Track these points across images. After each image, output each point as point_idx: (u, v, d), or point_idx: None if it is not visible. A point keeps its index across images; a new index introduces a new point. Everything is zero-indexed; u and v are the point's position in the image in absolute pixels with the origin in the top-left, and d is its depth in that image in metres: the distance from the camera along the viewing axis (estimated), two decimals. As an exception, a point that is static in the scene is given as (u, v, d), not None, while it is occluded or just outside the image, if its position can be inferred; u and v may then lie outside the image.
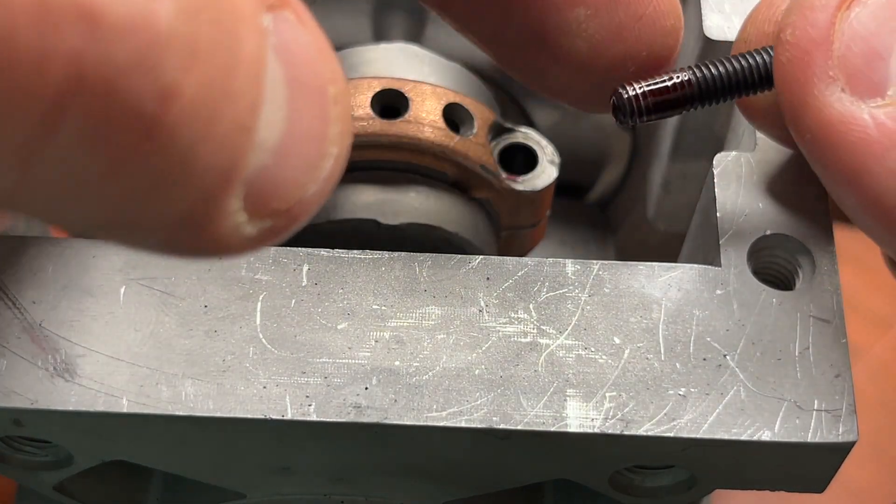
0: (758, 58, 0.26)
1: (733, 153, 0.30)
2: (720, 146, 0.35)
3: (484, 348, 0.27)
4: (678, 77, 0.26)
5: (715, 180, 0.29)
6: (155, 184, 0.16)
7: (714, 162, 0.30)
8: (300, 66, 0.17)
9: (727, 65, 0.26)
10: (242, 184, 0.17)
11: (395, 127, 0.33)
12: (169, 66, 0.15)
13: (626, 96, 0.26)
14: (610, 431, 0.26)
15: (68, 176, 0.16)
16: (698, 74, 0.26)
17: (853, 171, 0.23)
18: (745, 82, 0.26)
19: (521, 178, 0.35)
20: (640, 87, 0.26)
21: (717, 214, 0.29)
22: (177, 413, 0.26)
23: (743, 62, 0.26)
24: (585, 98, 0.27)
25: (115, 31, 0.14)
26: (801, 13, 0.24)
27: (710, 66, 0.26)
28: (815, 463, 0.27)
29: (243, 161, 0.17)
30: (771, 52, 0.26)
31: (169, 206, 0.16)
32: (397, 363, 0.27)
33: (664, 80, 0.26)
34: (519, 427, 0.26)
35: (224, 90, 0.16)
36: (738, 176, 0.29)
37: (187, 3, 0.15)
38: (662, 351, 0.27)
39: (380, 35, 0.39)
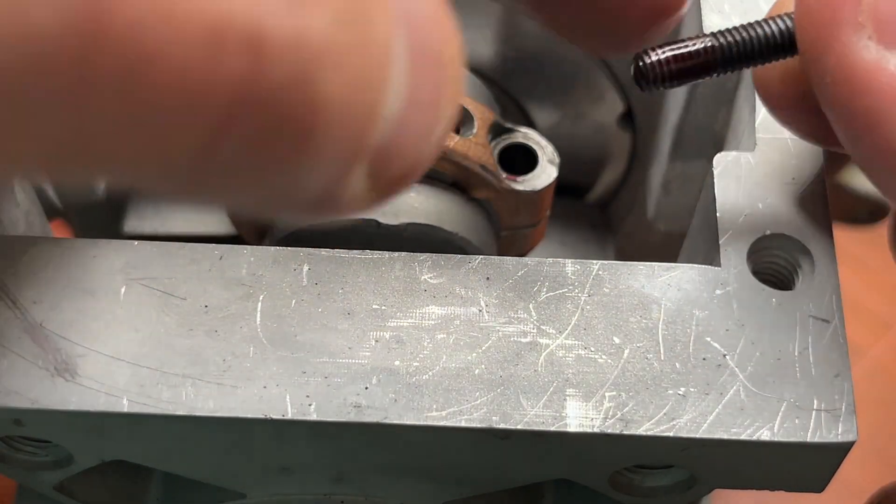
0: (780, 23, 0.26)
1: (733, 153, 0.30)
2: (720, 146, 0.35)
3: (484, 348, 0.27)
4: (701, 43, 0.25)
5: (715, 180, 0.29)
6: (301, 173, 0.17)
7: (714, 162, 0.30)
8: (420, 31, 0.17)
9: (750, 31, 0.26)
10: (368, 156, 0.17)
11: (395, 127, 0.33)
12: (321, 77, 0.16)
13: (648, 62, 0.25)
14: (610, 431, 0.26)
15: (231, 175, 0.17)
16: (721, 40, 0.26)
17: (873, 119, 0.23)
18: (768, 48, 0.26)
19: (521, 178, 0.35)
20: (662, 53, 0.25)
21: (717, 214, 0.29)
22: (177, 413, 0.26)
23: (766, 28, 0.26)
24: (608, 42, 0.27)
25: (276, 53, 0.15)
26: None
27: (733, 32, 0.26)
28: (815, 463, 0.27)
29: (371, 136, 0.17)
30: (792, 18, 0.25)
31: (307, 188, 0.17)
32: (397, 363, 0.27)
33: (687, 46, 0.25)
34: (519, 427, 0.26)
35: (363, 82, 0.16)
36: (738, 176, 0.29)
37: (339, 14, 0.16)
38: (662, 351, 0.27)
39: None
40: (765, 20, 0.26)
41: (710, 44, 0.26)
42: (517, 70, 0.40)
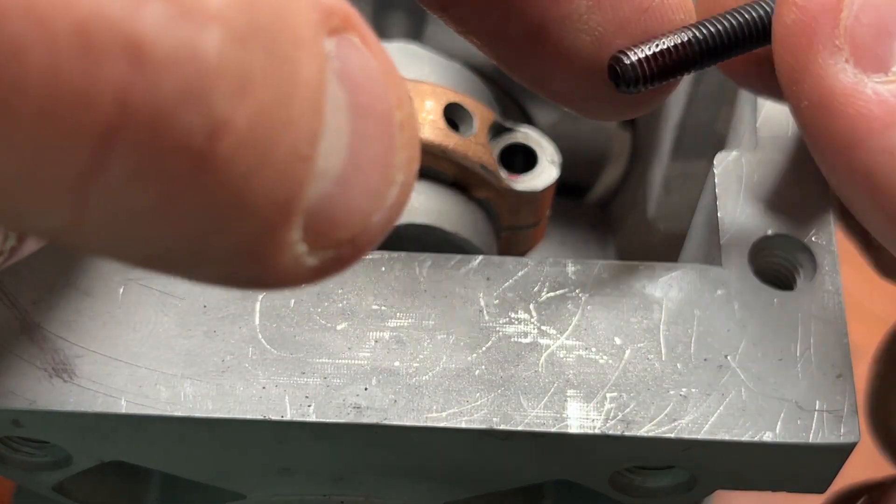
0: (758, 10, 0.25)
1: (734, 153, 0.30)
2: (721, 146, 0.35)
3: (484, 348, 0.27)
4: (679, 38, 0.25)
5: (716, 180, 0.29)
6: (211, 218, 0.16)
7: (715, 162, 0.30)
8: (364, 92, 0.17)
9: (727, 21, 0.25)
10: (302, 214, 0.16)
11: (395, 126, 0.33)
12: (218, 97, 0.15)
13: (627, 62, 0.25)
14: (611, 432, 0.26)
15: (122, 211, 0.15)
16: (699, 33, 0.25)
17: (849, 144, 0.23)
18: (748, 37, 0.25)
19: (521, 178, 0.35)
20: (641, 52, 0.25)
21: (718, 214, 0.29)
22: (176, 414, 0.26)
23: (743, 16, 0.25)
24: (590, 101, 0.27)
25: (160, 64, 0.14)
26: None
27: (710, 24, 0.25)
28: (817, 464, 0.27)
29: (303, 191, 0.16)
30: (771, 6, 0.25)
31: (227, 241, 0.16)
32: (397, 363, 0.27)
33: (665, 43, 0.25)
34: (519, 428, 0.26)
35: (280, 121, 0.15)
36: (739, 176, 0.29)
37: (237, 32, 0.15)
38: (663, 351, 0.27)
39: (380, 34, 0.39)
40: (741, 8, 0.25)
41: (689, 37, 0.25)
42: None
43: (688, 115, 0.36)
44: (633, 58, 0.25)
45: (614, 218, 0.45)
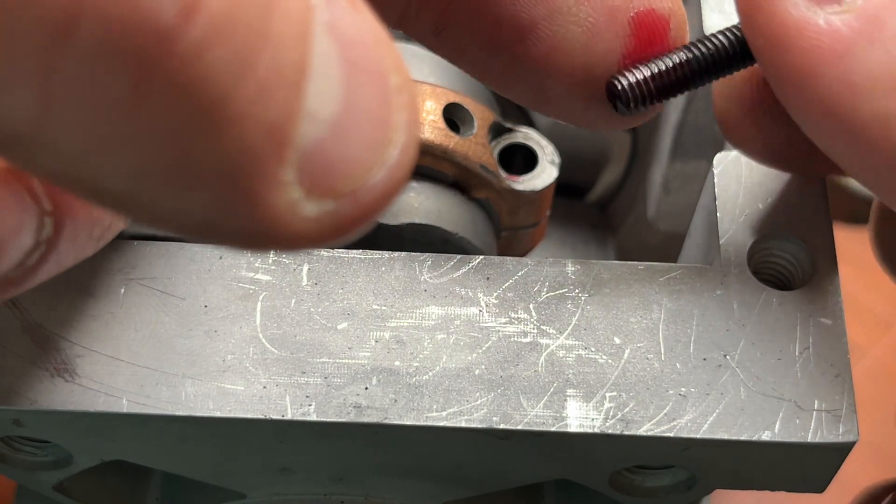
0: None
1: (733, 153, 0.30)
2: (720, 146, 0.35)
3: (484, 348, 0.27)
4: (674, 59, 0.25)
5: (715, 180, 0.29)
6: (188, 122, 0.15)
7: (714, 162, 0.30)
8: (356, 49, 0.17)
9: (719, 39, 0.25)
10: (295, 153, 0.16)
11: (395, 127, 0.33)
12: None
13: (623, 84, 0.25)
14: (610, 431, 0.26)
15: (90, 100, 0.15)
16: (694, 53, 0.25)
17: (806, 76, 0.23)
18: (744, 55, 0.25)
19: (521, 178, 0.35)
20: (637, 74, 0.25)
21: (717, 214, 0.29)
22: (177, 413, 0.26)
23: (735, 34, 0.25)
24: (589, 107, 0.27)
25: None
26: None
27: (704, 43, 0.25)
28: (816, 463, 0.27)
29: (293, 124, 0.16)
30: None
31: (210, 160, 0.16)
32: (397, 363, 0.27)
33: (660, 64, 0.25)
34: (519, 427, 0.26)
35: (258, 29, 0.15)
36: (738, 176, 0.29)
37: None
38: (662, 351, 0.27)
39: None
40: (737, 26, 0.26)
41: (685, 58, 0.25)
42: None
43: (687, 115, 0.36)
44: (631, 79, 0.25)
45: (614, 218, 0.45)
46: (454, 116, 0.34)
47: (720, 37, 0.25)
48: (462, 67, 0.28)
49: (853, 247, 0.50)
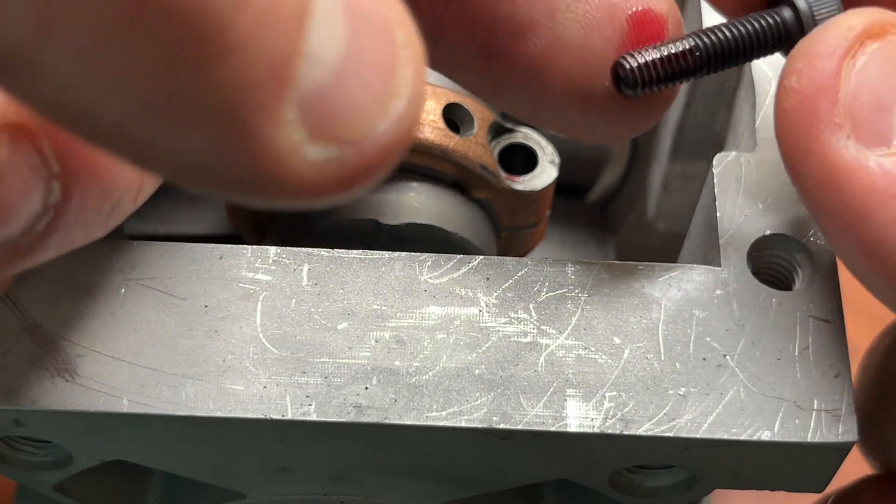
0: (764, 20, 0.26)
1: (733, 153, 0.30)
2: (720, 146, 0.35)
3: (484, 348, 0.27)
4: (683, 45, 0.25)
5: (715, 180, 0.29)
6: (186, 50, 0.15)
7: (714, 162, 0.30)
8: (362, 1, 0.17)
9: (732, 30, 0.26)
10: (297, 93, 0.16)
11: (395, 127, 0.33)
12: None
13: (629, 66, 0.25)
14: (610, 431, 0.26)
15: (89, 21, 0.14)
16: (704, 41, 0.25)
17: (856, 218, 0.23)
18: (752, 47, 0.26)
19: (521, 178, 0.35)
20: (644, 57, 0.25)
21: (717, 214, 0.29)
22: (177, 413, 0.26)
23: (748, 26, 0.26)
24: (588, 114, 0.27)
25: None
26: (807, 61, 0.24)
27: (715, 32, 0.26)
28: (815, 463, 0.27)
29: (292, 60, 0.16)
30: (780, 17, 0.26)
31: (207, 90, 0.15)
32: (397, 363, 0.27)
33: (668, 49, 0.25)
34: (519, 427, 0.26)
35: None
36: (738, 176, 0.29)
37: None
38: (662, 351, 0.27)
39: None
40: (747, 18, 0.26)
41: (691, 45, 0.25)
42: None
43: (687, 115, 0.36)
44: (638, 61, 0.25)
45: (614, 218, 0.45)
46: (454, 116, 0.34)
47: (728, 28, 0.26)
48: (458, 79, 0.28)
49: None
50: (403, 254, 0.29)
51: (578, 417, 0.26)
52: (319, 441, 0.28)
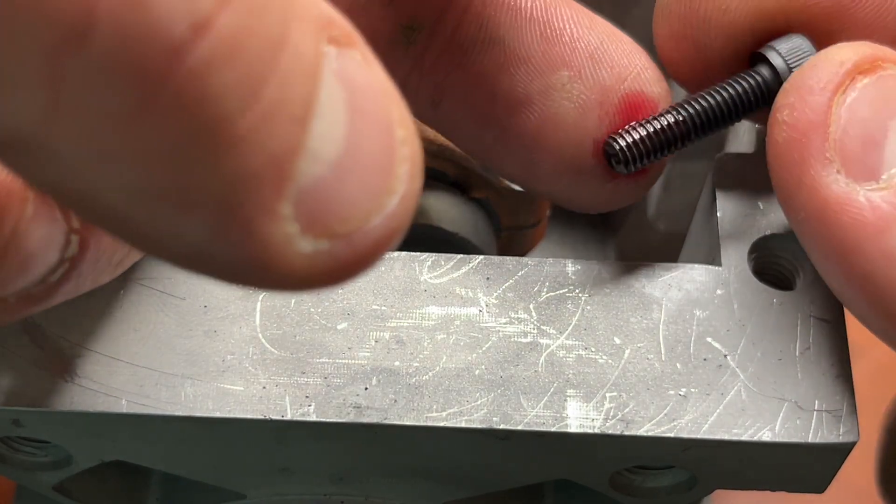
0: (745, 82, 0.26)
1: (734, 153, 0.30)
2: (720, 146, 0.35)
3: (484, 348, 0.27)
4: (670, 118, 0.26)
5: (715, 180, 0.29)
6: (191, 141, 0.15)
7: (714, 162, 0.30)
8: (364, 98, 0.17)
9: (715, 96, 0.26)
10: (295, 187, 0.16)
11: (395, 127, 0.33)
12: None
13: (619, 146, 0.26)
14: (610, 432, 0.26)
15: (96, 109, 0.15)
16: (690, 111, 0.26)
17: (846, 251, 0.24)
18: (736, 109, 0.26)
19: (521, 178, 0.35)
20: (633, 135, 0.26)
21: (718, 214, 0.29)
22: (176, 413, 0.26)
23: (730, 90, 0.26)
24: (580, 184, 0.28)
25: None
26: (799, 95, 0.25)
27: (699, 101, 0.26)
28: (816, 463, 0.27)
29: (294, 157, 0.16)
30: (759, 76, 0.26)
31: (208, 181, 0.16)
32: (397, 363, 0.27)
33: (655, 124, 0.26)
34: (519, 427, 0.26)
35: (268, 59, 0.16)
36: (739, 176, 0.29)
37: None
38: (663, 351, 0.27)
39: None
40: (730, 81, 0.27)
41: (677, 118, 0.26)
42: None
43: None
44: (627, 140, 0.26)
45: (614, 218, 0.45)
46: (454, 116, 0.34)
47: (711, 95, 0.26)
48: (455, 140, 0.29)
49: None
50: (403, 254, 0.28)
51: (579, 418, 0.26)
52: (319, 441, 0.27)
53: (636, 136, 0.26)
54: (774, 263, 0.29)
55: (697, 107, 0.26)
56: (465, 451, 0.28)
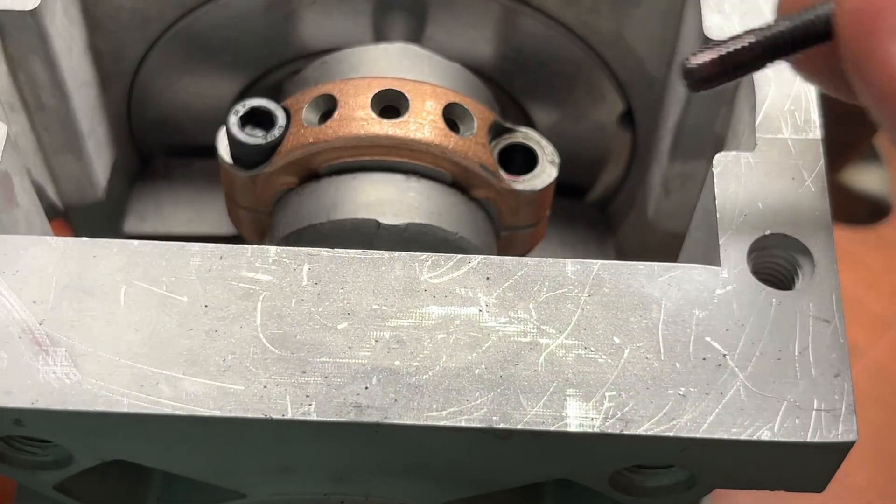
0: (817, 11, 0.26)
1: (733, 153, 0.30)
2: (720, 146, 0.35)
3: (484, 348, 0.27)
4: (744, 41, 0.26)
5: (715, 180, 0.29)
6: None
7: (714, 162, 0.30)
8: None
9: (789, 23, 0.26)
10: None
11: (395, 127, 0.33)
12: None
13: (695, 64, 0.26)
14: (610, 431, 0.26)
15: None
16: (764, 34, 0.26)
17: None
18: (808, 37, 0.26)
19: (520, 178, 0.35)
20: (708, 55, 0.26)
21: (717, 214, 0.29)
22: (177, 413, 0.26)
23: (803, 17, 0.26)
24: None
25: None
26: None
27: (773, 26, 0.26)
28: (815, 462, 0.27)
29: None
30: (820, 10, 0.26)
31: None
32: (397, 363, 0.27)
33: (730, 45, 0.26)
34: (519, 427, 0.26)
35: None
36: (738, 176, 0.29)
37: None
38: (662, 351, 0.27)
39: (380, 35, 0.39)
40: (801, 12, 0.26)
41: (754, 39, 0.26)
42: (517, 70, 0.40)
43: (687, 115, 0.36)
44: (704, 59, 0.26)
45: (614, 218, 0.45)
46: (454, 116, 0.34)
47: (795, 18, 0.26)
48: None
49: (853, 247, 0.50)
50: (403, 254, 0.29)
51: (578, 417, 0.26)
52: (319, 441, 0.28)
53: (707, 58, 0.26)
54: (774, 263, 0.29)
55: (768, 33, 0.26)
56: (465, 451, 0.28)
